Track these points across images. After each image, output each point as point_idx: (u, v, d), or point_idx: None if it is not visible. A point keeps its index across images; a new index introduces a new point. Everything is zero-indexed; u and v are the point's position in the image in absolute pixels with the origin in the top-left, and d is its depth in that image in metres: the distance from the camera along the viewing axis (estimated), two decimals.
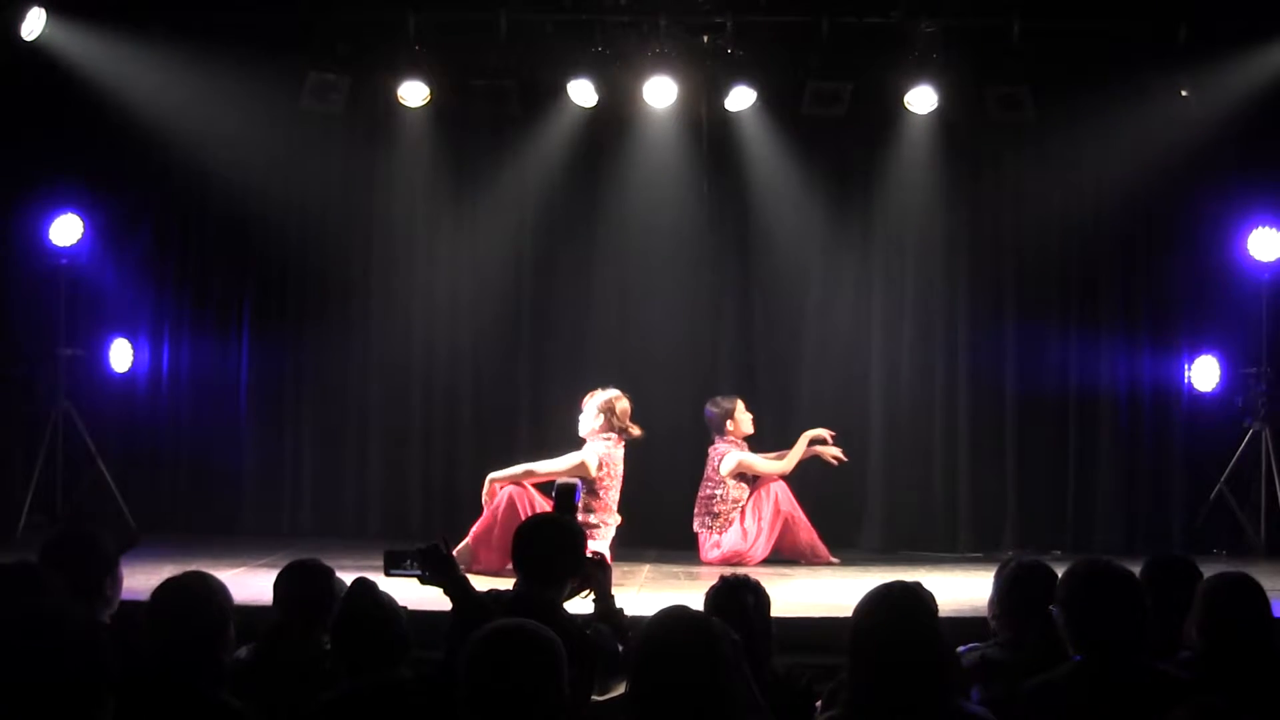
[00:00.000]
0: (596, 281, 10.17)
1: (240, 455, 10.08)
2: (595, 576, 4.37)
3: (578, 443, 8.47)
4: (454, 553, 4.42)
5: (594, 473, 8.21)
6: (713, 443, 9.05)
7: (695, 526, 8.97)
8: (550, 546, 4.22)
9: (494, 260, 10.16)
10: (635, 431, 8.41)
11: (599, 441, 8.33)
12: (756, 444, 9.15)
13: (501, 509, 8.05)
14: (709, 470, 8.99)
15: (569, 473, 8.05)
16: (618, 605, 4.41)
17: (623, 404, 8.40)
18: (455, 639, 3.94)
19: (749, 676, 2.86)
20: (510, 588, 4.33)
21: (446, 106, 9.74)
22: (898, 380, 10.01)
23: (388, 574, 4.41)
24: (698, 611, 3.14)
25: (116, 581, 4.19)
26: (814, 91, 9.43)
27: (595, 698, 3.87)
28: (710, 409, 9.06)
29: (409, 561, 4.38)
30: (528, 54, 9.45)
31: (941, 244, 10.07)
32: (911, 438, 9.98)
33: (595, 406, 8.39)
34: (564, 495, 5.28)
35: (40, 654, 2.25)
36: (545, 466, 8.24)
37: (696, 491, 9.11)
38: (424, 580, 4.36)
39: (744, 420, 9.05)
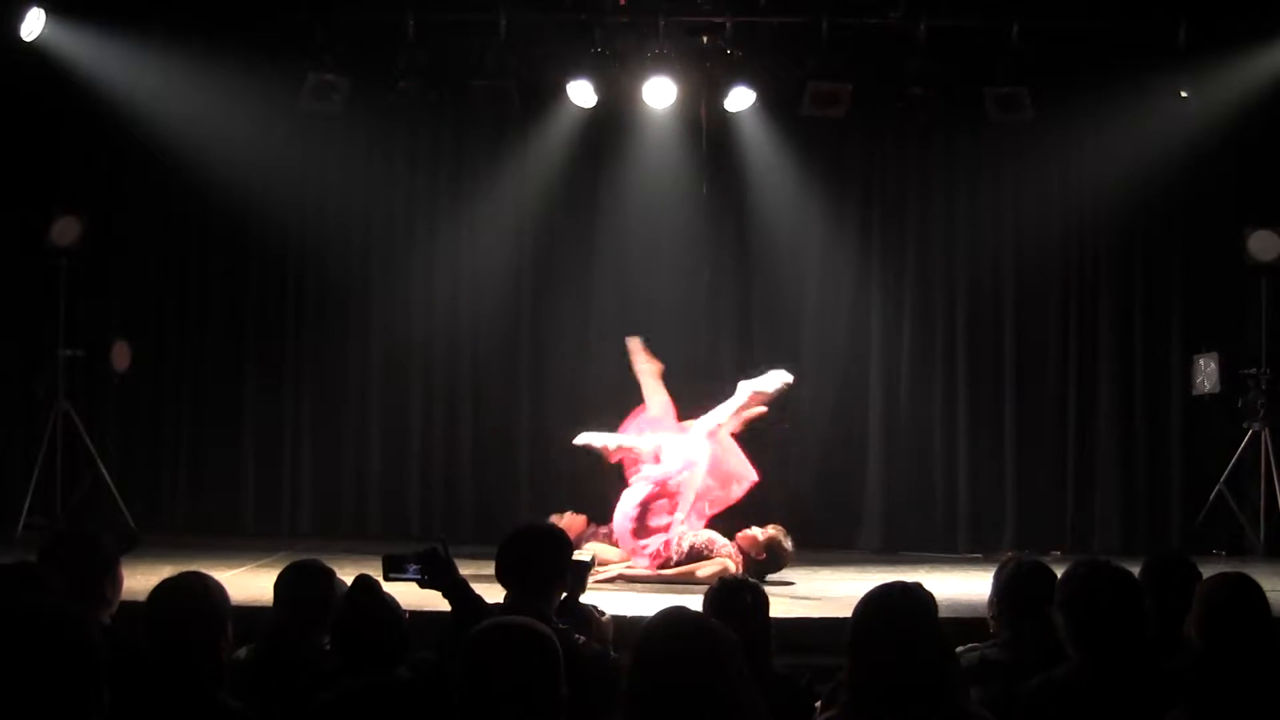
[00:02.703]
0: (595, 281, 10.17)
1: (240, 455, 10.09)
2: (593, 624, 4.34)
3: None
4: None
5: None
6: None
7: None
8: (534, 554, 4.19)
9: (494, 260, 10.17)
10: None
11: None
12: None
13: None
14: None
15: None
16: (613, 654, 4.35)
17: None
18: (454, 639, 3.93)
19: (749, 677, 2.85)
20: (500, 601, 4.30)
21: (446, 106, 9.75)
22: (897, 380, 10.01)
23: (387, 578, 4.39)
24: (697, 612, 3.13)
25: (116, 582, 4.18)
26: (813, 92, 9.43)
27: None
28: None
29: (408, 565, 4.37)
30: (528, 54, 9.46)
31: (941, 244, 10.08)
32: (911, 438, 9.98)
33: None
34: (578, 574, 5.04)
35: (34, 654, 2.25)
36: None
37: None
38: (424, 584, 4.35)
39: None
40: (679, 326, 10.03)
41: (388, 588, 4.08)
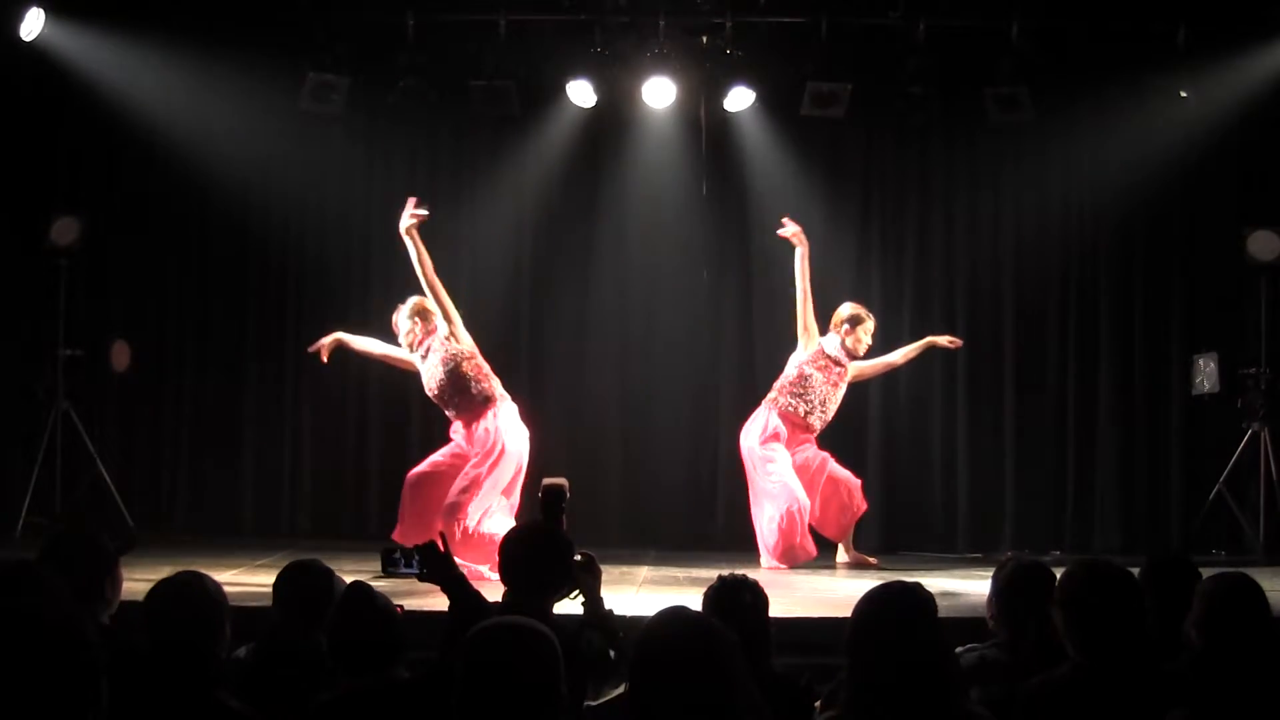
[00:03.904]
0: (595, 281, 10.17)
1: (240, 455, 10.09)
2: (583, 579, 4.33)
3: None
4: None
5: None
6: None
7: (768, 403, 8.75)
8: (539, 558, 4.18)
9: (493, 260, 10.16)
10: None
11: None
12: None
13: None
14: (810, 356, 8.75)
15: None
16: (608, 607, 4.37)
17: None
18: (453, 637, 3.93)
19: (748, 677, 2.85)
20: (499, 599, 4.31)
21: (446, 106, 9.75)
22: (896, 379, 10.00)
23: (385, 573, 4.40)
24: (697, 612, 3.13)
25: (116, 582, 4.18)
26: (813, 92, 9.43)
27: (589, 702, 3.86)
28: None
29: (406, 561, 4.37)
30: (527, 54, 9.46)
31: (940, 244, 10.08)
32: (910, 438, 9.98)
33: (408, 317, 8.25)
34: (552, 498, 5.10)
35: (32, 654, 2.25)
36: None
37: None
38: (422, 577, 4.35)
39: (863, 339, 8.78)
40: (677, 325, 10.04)
41: (386, 584, 4.08)
